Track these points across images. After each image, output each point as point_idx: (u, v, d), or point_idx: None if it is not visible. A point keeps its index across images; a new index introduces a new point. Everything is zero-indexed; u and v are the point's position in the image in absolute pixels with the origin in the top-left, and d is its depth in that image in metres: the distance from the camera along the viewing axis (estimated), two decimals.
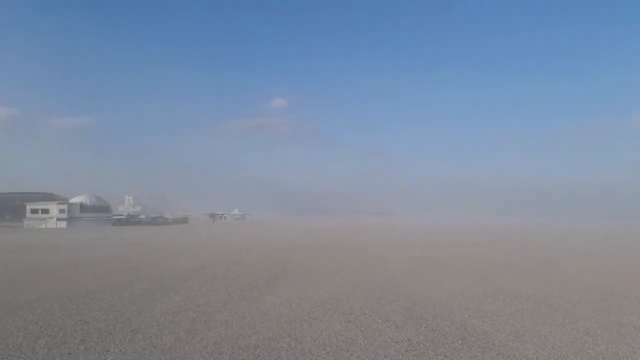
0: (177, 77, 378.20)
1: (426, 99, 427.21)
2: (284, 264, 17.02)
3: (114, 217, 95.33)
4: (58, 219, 78.52)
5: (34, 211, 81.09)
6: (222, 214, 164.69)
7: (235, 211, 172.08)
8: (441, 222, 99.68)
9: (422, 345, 6.52)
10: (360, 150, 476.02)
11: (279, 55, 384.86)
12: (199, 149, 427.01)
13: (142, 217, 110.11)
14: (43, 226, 74.76)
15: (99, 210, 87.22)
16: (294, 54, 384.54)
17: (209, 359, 5.88)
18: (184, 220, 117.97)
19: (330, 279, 13.16)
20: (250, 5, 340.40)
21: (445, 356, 6.08)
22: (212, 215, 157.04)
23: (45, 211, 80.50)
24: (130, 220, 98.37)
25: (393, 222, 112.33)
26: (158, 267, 16.15)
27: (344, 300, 9.93)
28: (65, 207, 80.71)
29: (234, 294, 10.65)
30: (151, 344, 6.46)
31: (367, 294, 10.63)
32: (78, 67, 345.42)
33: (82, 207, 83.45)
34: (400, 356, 6.07)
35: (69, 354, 5.99)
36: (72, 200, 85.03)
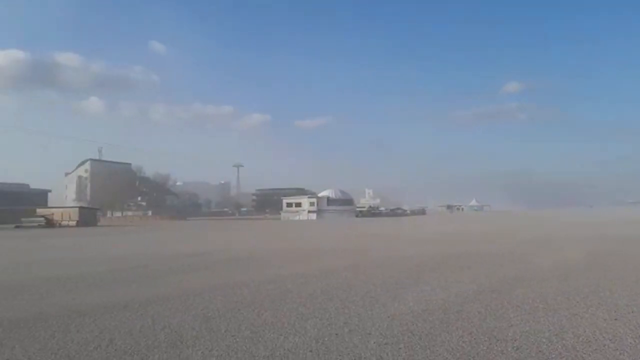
0: (408, 71, 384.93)
1: None
2: (533, 254, 15.92)
3: (357, 209, 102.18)
4: (309, 212, 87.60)
5: (289, 205, 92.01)
6: (459, 206, 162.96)
7: (473, 202, 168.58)
8: None
9: None
10: (615, 132, 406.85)
11: (513, 38, 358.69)
12: (434, 141, 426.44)
13: (382, 209, 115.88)
14: (296, 218, 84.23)
15: (344, 203, 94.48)
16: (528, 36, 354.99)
17: (466, 349, 5.82)
18: (422, 212, 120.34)
19: (578, 275, 11.84)
20: None
21: None
22: (449, 207, 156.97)
23: (298, 204, 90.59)
24: (371, 212, 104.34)
25: None
26: (405, 255, 16.73)
27: (606, 296, 8.81)
28: (315, 200, 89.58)
29: (484, 285, 10.36)
30: (408, 330, 6.70)
31: (627, 290, 9.26)
32: (323, 71, 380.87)
33: (329, 201, 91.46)
34: None
35: (336, 334, 6.57)
36: (320, 195, 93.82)
